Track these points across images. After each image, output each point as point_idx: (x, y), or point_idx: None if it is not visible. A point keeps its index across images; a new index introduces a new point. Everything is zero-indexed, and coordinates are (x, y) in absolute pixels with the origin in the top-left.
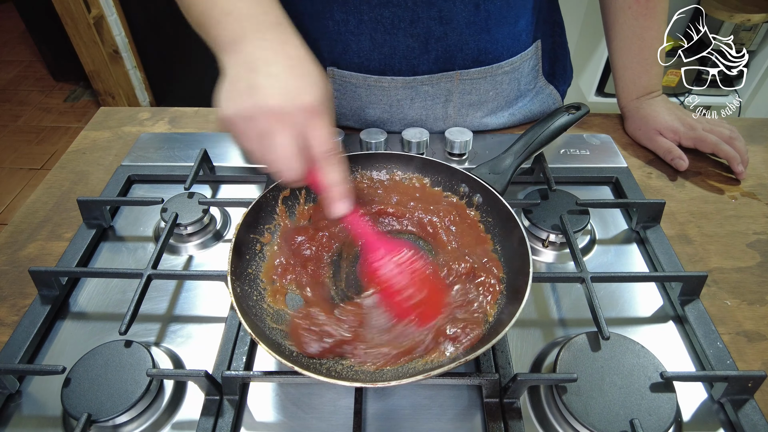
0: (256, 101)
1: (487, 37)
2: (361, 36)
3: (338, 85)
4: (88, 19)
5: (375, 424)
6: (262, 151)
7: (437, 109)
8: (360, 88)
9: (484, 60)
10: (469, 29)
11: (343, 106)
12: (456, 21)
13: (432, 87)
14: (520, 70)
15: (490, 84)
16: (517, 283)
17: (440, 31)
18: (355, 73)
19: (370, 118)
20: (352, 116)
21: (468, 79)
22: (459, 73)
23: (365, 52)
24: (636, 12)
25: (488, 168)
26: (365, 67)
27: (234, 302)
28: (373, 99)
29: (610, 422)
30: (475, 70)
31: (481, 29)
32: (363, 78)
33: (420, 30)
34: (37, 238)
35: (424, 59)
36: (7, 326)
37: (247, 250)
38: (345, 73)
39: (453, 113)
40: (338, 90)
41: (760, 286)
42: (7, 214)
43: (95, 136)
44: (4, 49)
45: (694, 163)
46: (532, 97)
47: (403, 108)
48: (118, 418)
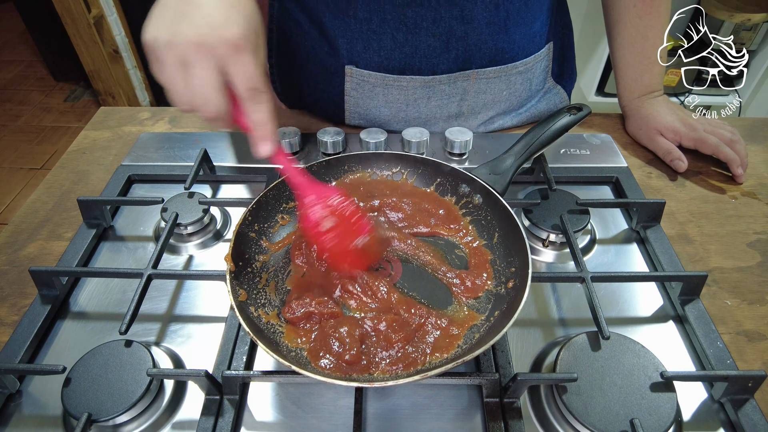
0: (178, 29)
1: (504, 37)
2: (383, 35)
3: (355, 84)
4: (88, 18)
5: (375, 424)
6: (183, 84)
7: (452, 108)
8: (377, 87)
9: (500, 60)
10: (489, 29)
11: (358, 104)
12: (477, 20)
13: (449, 86)
14: (533, 71)
15: (504, 83)
16: (516, 282)
17: (461, 31)
18: (374, 72)
19: (384, 116)
20: (365, 114)
21: (484, 78)
22: (476, 72)
23: (386, 51)
24: (640, 11)
25: (489, 168)
26: (385, 67)
27: (233, 302)
28: (390, 98)
29: (610, 422)
30: (491, 69)
31: (500, 29)
32: (382, 77)
33: (442, 29)
34: (38, 238)
35: (444, 58)
36: (8, 326)
37: (247, 250)
38: (364, 72)
39: (466, 111)
40: (355, 89)
41: (760, 286)
42: (7, 214)
43: (95, 135)
44: (4, 49)
45: (694, 162)
46: (540, 98)
47: (419, 106)
48: (118, 418)
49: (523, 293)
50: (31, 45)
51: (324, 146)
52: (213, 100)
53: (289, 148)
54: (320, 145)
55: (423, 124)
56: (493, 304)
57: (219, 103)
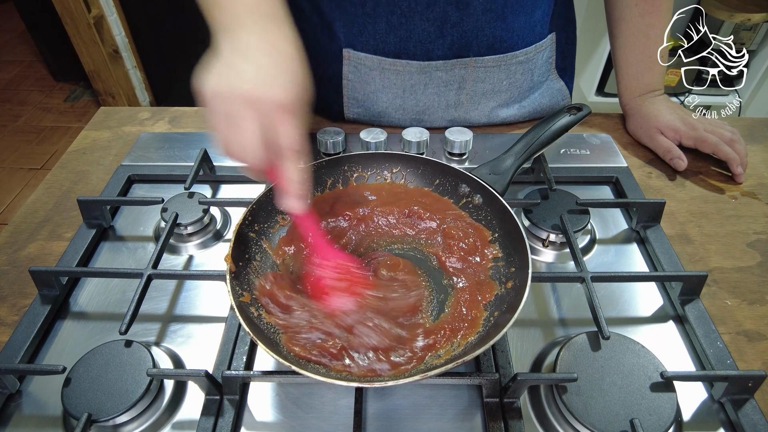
0: (232, 83)
1: (503, 25)
2: (377, 18)
3: (353, 68)
4: (88, 18)
5: (375, 424)
6: (228, 133)
7: (450, 96)
8: (374, 71)
9: (499, 48)
10: (486, 16)
11: (356, 89)
12: (472, 7)
13: (446, 73)
14: (534, 61)
15: (504, 73)
16: (516, 282)
17: (456, 17)
18: (370, 55)
19: (382, 104)
20: (364, 101)
21: (482, 67)
22: (473, 60)
23: (381, 35)
24: (642, 9)
25: (489, 168)
26: (381, 50)
27: (233, 302)
28: (387, 83)
29: (610, 422)
30: (490, 57)
31: (498, 17)
32: (378, 60)
33: (436, 14)
34: (38, 238)
35: (440, 44)
36: (8, 326)
37: (247, 250)
38: (360, 54)
39: (465, 101)
40: (353, 73)
41: (760, 286)
42: (7, 214)
43: (95, 136)
44: (4, 49)
45: (694, 162)
46: (542, 91)
47: (416, 93)
48: (118, 418)
49: (523, 293)
50: (31, 45)
51: (324, 146)
52: (256, 153)
53: None
54: (320, 145)
55: (422, 113)
56: (494, 304)
57: (258, 157)
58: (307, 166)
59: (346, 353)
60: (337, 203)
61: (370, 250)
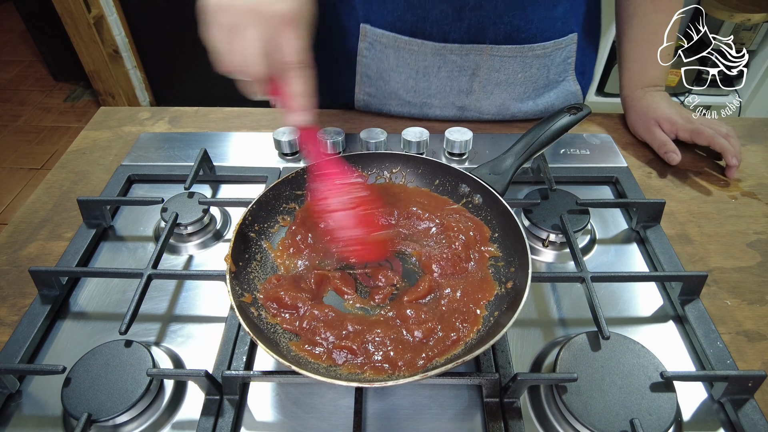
0: None
1: (521, 14)
2: None
3: (368, 44)
4: (88, 19)
5: (375, 424)
6: (229, 45)
7: (463, 82)
8: (389, 49)
9: (516, 38)
10: (505, 4)
11: (370, 67)
12: None
13: (461, 57)
14: (552, 57)
15: (519, 65)
16: (516, 282)
17: (475, 1)
18: (386, 32)
19: (394, 84)
20: (377, 79)
21: (498, 56)
22: (489, 47)
23: (399, 11)
24: (656, 5)
25: (489, 168)
26: (397, 27)
27: (233, 302)
28: (401, 62)
29: (610, 422)
30: (506, 47)
31: (517, 6)
32: (394, 38)
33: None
34: (37, 238)
35: (456, 27)
36: (7, 326)
37: (247, 250)
38: (377, 31)
39: (478, 89)
40: (368, 49)
41: (760, 286)
42: (7, 214)
43: (95, 136)
44: (4, 49)
45: (694, 162)
46: (558, 91)
47: (429, 76)
48: (118, 418)
49: (523, 293)
50: (31, 45)
51: (324, 146)
52: (257, 64)
53: (289, 149)
54: (320, 146)
55: (433, 97)
56: (493, 303)
57: (260, 66)
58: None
59: (360, 350)
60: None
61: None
